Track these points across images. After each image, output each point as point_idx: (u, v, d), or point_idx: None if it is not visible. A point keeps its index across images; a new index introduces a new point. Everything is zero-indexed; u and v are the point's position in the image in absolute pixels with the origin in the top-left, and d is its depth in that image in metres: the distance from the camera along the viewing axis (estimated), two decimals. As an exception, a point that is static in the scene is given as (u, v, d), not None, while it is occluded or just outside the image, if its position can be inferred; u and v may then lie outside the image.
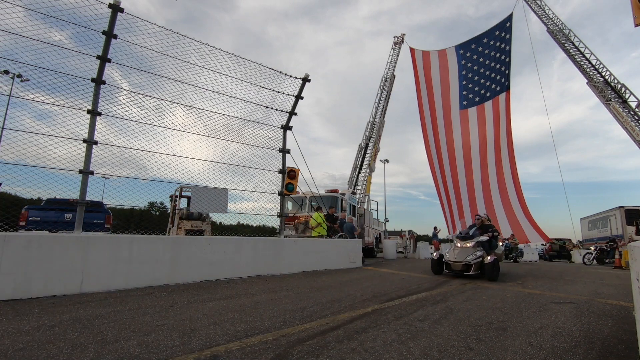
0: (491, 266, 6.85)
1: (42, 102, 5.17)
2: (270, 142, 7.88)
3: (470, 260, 7.05)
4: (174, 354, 2.52)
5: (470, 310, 4.30)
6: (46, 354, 2.44)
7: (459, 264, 7.11)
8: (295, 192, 8.44)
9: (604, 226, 24.66)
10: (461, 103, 24.08)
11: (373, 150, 24.18)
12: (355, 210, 16.11)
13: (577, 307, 4.70)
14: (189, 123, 6.62)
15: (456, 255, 7.28)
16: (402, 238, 25.74)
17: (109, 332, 2.99)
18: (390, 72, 26.31)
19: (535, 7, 24.43)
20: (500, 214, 21.40)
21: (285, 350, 2.63)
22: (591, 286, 7.17)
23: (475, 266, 7.00)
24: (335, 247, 9.15)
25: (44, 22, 5.06)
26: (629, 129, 19.59)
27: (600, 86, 21.10)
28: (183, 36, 6.25)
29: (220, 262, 6.27)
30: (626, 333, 3.42)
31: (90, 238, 4.94)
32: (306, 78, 7.86)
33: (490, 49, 23.74)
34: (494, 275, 6.87)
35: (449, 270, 7.43)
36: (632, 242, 2.19)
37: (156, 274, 5.43)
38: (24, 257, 4.33)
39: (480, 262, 7.02)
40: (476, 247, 7.30)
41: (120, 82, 6.10)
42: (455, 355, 2.64)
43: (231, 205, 7.03)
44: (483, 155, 22.63)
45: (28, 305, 3.90)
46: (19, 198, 8.72)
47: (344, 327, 3.37)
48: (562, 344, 3.01)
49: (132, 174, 5.86)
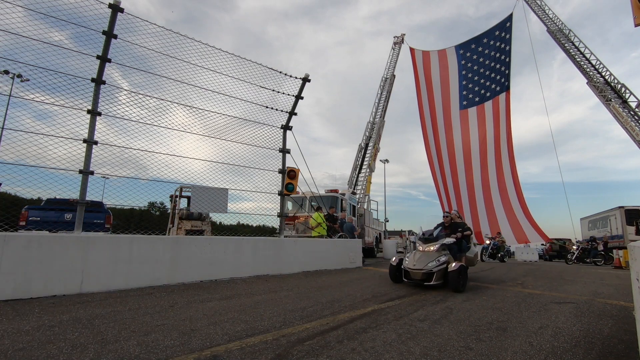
0: (455, 275, 5.56)
1: (42, 102, 5.17)
2: (270, 142, 7.88)
3: (432, 268, 5.71)
4: (174, 354, 2.52)
5: (470, 310, 4.30)
6: (46, 354, 2.44)
7: (419, 272, 5.75)
8: (295, 192, 8.44)
9: (604, 226, 24.63)
10: (461, 103, 24.10)
11: (373, 150, 24.17)
12: (355, 210, 16.11)
13: (577, 307, 4.70)
14: (189, 123, 6.62)
15: (416, 262, 5.91)
16: (402, 238, 25.74)
17: (109, 332, 2.99)
18: (390, 72, 26.29)
19: (535, 7, 24.42)
20: (500, 214, 21.43)
21: (285, 350, 2.63)
22: (591, 286, 7.17)
23: (438, 274, 5.71)
24: (335, 247, 9.15)
25: (44, 22, 5.06)
26: (629, 129, 19.58)
27: (600, 86, 21.10)
28: (183, 36, 6.25)
29: (220, 262, 6.27)
30: (626, 333, 3.42)
31: (90, 238, 4.93)
32: (306, 78, 7.87)
33: (490, 49, 23.75)
34: (459, 285, 5.55)
35: (407, 279, 6.05)
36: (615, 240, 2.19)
37: (156, 274, 5.43)
38: (24, 257, 4.33)
39: (444, 270, 5.77)
40: (441, 251, 6.04)
41: (120, 82, 6.10)
42: (455, 355, 2.64)
43: (231, 205, 7.04)
44: (483, 155, 22.65)
45: (28, 305, 3.89)
46: (19, 198, 8.74)
47: (344, 327, 3.37)
48: (562, 344, 3.01)
49: (132, 174, 5.86)
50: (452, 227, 6.84)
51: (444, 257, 5.87)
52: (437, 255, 5.92)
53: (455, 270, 5.59)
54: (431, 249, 6.09)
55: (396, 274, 6.31)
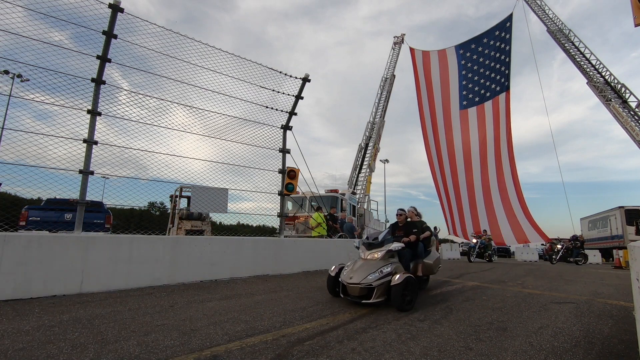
0: (399, 290, 4.18)
1: (42, 102, 5.17)
2: (270, 142, 7.88)
3: (371, 281, 4.30)
4: (174, 354, 2.52)
5: (470, 310, 4.30)
6: (46, 354, 2.44)
7: (356, 287, 4.36)
8: (295, 192, 8.44)
9: (604, 226, 24.66)
10: (461, 103, 24.10)
11: (373, 150, 24.19)
12: (355, 210, 16.11)
13: (577, 307, 4.70)
14: (189, 123, 6.62)
15: (353, 274, 4.54)
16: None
17: (109, 332, 2.99)
18: (390, 72, 26.31)
19: (535, 7, 24.44)
20: (500, 214, 21.42)
21: (285, 350, 2.63)
22: (591, 286, 7.17)
23: (379, 290, 4.29)
24: (336, 247, 9.15)
25: (44, 22, 5.06)
26: (629, 129, 19.59)
27: (600, 86, 21.11)
28: (183, 36, 6.25)
29: (220, 262, 6.27)
30: (626, 333, 3.42)
31: (90, 238, 4.94)
32: (306, 78, 7.87)
33: (490, 49, 23.75)
34: (403, 302, 4.19)
35: (345, 295, 4.60)
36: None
37: (156, 274, 5.43)
38: (24, 257, 4.33)
39: (388, 284, 4.35)
40: (387, 260, 4.68)
41: (120, 82, 6.10)
42: (455, 355, 2.64)
43: (231, 205, 7.04)
44: (483, 155, 22.65)
45: (28, 305, 3.90)
46: (19, 198, 8.72)
47: (344, 327, 3.37)
48: (562, 344, 3.01)
49: (132, 174, 5.86)
50: (407, 227, 5.51)
51: (388, 267, 4.50)
52: (382, 264, 4.55)
53: (399, 284, 4.19)
54: (375, 257, 4.71)
55: (333, 286, 4.90)
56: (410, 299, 4.34)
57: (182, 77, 6.44)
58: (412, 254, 5.35)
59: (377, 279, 4.35)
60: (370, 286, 4.32)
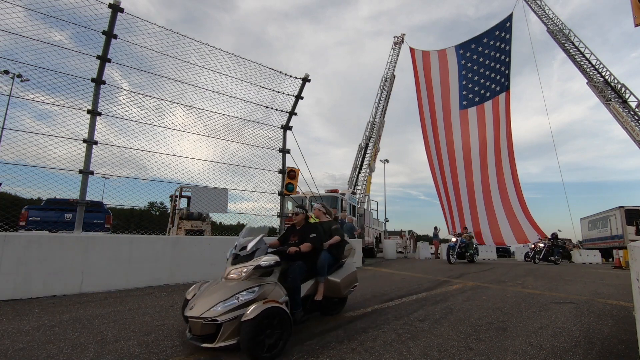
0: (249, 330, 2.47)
1: (42, 102, 5.17)
2: (270, 142, 7.88)
3: (218, 314, 2.62)
4: (174, 354, 2.52)
5: (470, 310, 4.30)
6: (46, 354, 2.44)
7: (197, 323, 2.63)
8: (295, 192, 8.44)
9: (604, 226, 24.65)
10: (461, 103, 24.08)
11: (373, 150, 24.18)
12: (355, 210, 16.11)
13: (577, 307, 4.70)
14: (189, 123, 6.63)
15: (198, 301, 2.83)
16: (402, 238, 25.75)
17: (109, 332, 2.99)
18: (390, 72, 26.31)
19: (535, 7, 24.44)
20: (500, 214, 21.40)
21: (285, 350, 2.62)
22: (591, 286, 7.17)
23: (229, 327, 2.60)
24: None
25: (44, 22, 5.06)
26: (629, 129, 19.59)
27: (600, 86, 21.11)
28: (183, 36, 6.26)
29: (220, 262, 6.24)
30: (626, 333, 3.42)
31: (90, 238, 4.94)
32: (306, 78, 7.87)
33: (490, 49, 23.74)
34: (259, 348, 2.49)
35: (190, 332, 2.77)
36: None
37: (156, 274, 5.43)
38: (24, 257, 4.33)
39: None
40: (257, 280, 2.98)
41: (120, 82, 6.11)
42: (455, 355, 2.64)
43: (231, 205, 7.04)
44: (483, 155, 22.63)
45: (28, 305, 3.90)
46: (19, 198, 8.73)
47: (344, 327, 3.37)
48: (562, 344, 3.01)
49: (132, 174, 5.87)
50: (305, 231, 3.79)
51: (253, 292, 2.83)
52: (245, 286, 2.86)
53: (250, 321, 2.49)
54: (240, 275, 2.98)
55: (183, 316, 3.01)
56: (275, 343, 2.61)
57: (182, 77, 6.45)
58: (307, 269, 3.51)
59: (229, 309, 2.66)
60: (214, 322, 2.60)
